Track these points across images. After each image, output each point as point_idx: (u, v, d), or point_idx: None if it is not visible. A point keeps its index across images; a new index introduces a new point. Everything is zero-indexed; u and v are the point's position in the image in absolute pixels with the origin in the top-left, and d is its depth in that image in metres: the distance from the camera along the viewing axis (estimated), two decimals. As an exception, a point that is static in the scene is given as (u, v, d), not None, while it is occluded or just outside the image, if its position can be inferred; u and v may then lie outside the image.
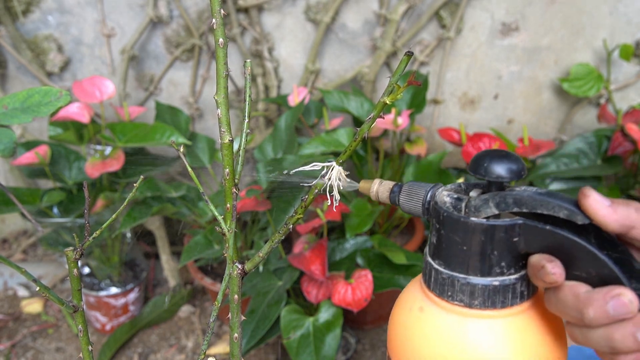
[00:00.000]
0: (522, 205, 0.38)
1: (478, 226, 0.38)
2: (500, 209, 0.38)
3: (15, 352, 1.33)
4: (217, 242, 1.16)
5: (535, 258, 0.37)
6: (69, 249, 0.46)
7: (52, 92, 0.46)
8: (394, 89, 0.37)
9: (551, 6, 1.29)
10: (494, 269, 0.39)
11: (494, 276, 0.39)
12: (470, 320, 0.39)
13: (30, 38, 1.33)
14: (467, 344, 0.39)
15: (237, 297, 0.46)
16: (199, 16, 1.32)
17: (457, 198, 0.40)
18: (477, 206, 0.39)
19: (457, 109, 1.42)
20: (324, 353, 1.00)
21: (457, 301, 0.40)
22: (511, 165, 0.38)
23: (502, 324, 0.39)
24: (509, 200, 0.38)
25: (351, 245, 1.15)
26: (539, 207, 0.38)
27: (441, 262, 0.40)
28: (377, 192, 0.45)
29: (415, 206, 0.42)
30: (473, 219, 0.38)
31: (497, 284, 0.39)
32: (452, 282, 0.40)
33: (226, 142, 0.43)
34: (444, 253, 0.40)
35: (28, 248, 1.55)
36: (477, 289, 0.39)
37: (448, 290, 0.40)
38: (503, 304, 0.39)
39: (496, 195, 0.39)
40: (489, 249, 0.38)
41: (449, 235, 0.39)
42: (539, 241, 0.38)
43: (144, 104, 1.42)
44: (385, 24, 1.31)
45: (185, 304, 1.42)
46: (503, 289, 0.39)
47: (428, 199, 0.42)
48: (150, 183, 1.20)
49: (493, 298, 0.39)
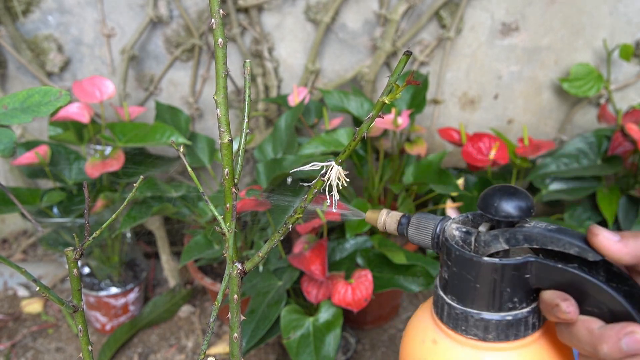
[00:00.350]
0: (532, 242, 0.38)
1: (490, 265, 0.38)
2: (511, 244, 0.39)
3: (15, 352, 1.33)
4: (217, 242, 1.16)
5: (548, 295, 0.38)
6: (69, 249, 0.46)
7: (52, 92, 0.46)
8: (393, 89, 0.37)
9: (551, 6, 1.29)
10: (507, 304, 0.39)
11: (506, 311, 0.40)
12: (484, 353, 0.40)
13: (30, 38, 1.33)
14: None
15: (237, 297, 0.46)
16: (199, 16, 1.32)
17: (466, 232, 0.41)
18: (487, 241, 0.39)
19: (457, 109, 1.42)
20: (324, 353, 1.00)
21: (470, 335, 0.40)
22: (520, 203, 0.38)
23: (516, 355, 0.40)
24: (519, 236, 0.38)
25: (351, 245, 1.15)
26: (549, 244, 0.38)
27: (454, 298, 0.41)
28: (384, 223, 0.45)
29: (424, 239, 0.43)
30: (486, 259, 0.38)
31: (510, 318, 0.40)
32: (466, 318, 0.40)
33: (226, 142, 0.43)
34: (457, 289, 0.40)
35: (28, 248, 1.55)
36: (490, 324, 0.40)
37: (461, 324, 0.41)
38: (516, 336, 0.40)
39: (506, 231, 0.39)
40: (502, 286, 0.39)
41: (462, 273, 0.40)
42: (551, 278, 0.38)
43: (144, 104, 1.42)
44: (385, 24, 1.31)
45: (185, 304, 1.42)
46: (516, 323, 0.40)
47: (437, 233, 0.42)
48: (150, 183, 1.20)
49: (506, 332, 0.40)
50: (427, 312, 0.44)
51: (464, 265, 0.39)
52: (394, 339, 1.32)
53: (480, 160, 1.19)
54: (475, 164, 1.18)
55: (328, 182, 0.41)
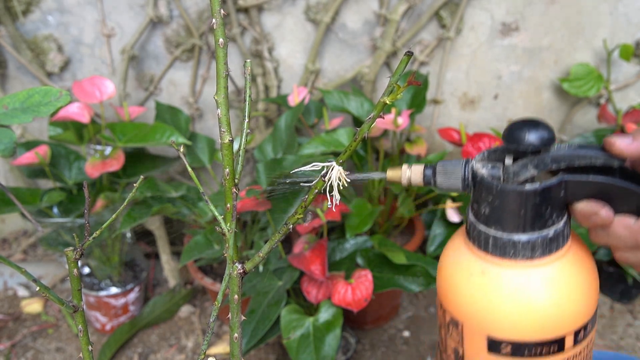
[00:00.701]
0: (560, 163, 0.43)
1: (532, 192, 0.43)
2: (540, 169, 0.44)
3: (15, 352, 1.33)
4: (217, 242, 1.16)
5: (583, 206, 0.44)
6: (69, 249, 0.46)
7: (52, 92, 0.46)
8: (394, 89, 0.37)
9: (551, 6, 1.29)
10: (548, 222, 0.44)
11: (548, 228, 0.44)
12: (533, 270, 0.45)
13: (30, 38, 1.33)
14: (535, 291, 0.44)
15: (237, 297, 0.46)
16: (199, 16, 1.32)
17: (492, 167, 0.45)
18: (515, 172, 0.44)
19: (457, 109, 1.42)
20: (324, 353, 1.00)
21: (519, 258, 0.44)
22: (544, 133, 0.43)
23: (560, 264, 0.45)
24: (547, 160, 0.43)
25: (351, 245, 1.15)
26: (576, 161, 0.43)
27: (499, 228, 0.44)
28: (409, 178, 0.47)
29: (454, 184, 0.46)
30: (528, 187, 0.43)
31: (552, 234, 0.44)
32: (513, 244, 0.44)
33: (226, 142, 0.43)
34: (502, 220, 0.44)
35: (28, 248, 1.55)
36: (537, 243, 0.44)
37: (509, 250, 0.44)
38: (557, 247, 0.45)
39: (534, 158, 0.44)
40: (543, 208, 0.43)
41: (505, 205, 0.43)
42: (583, 191, 0.44)
43: (144, 104, 1.42)
44: (385, 24, 1.31)
45: (185, 304, 1.42)
46: (556, 236, 0.44)
47: (467, 175, 0.45)
48: (150, 183, 1.20)
49: (550, 246, 0.44)
50: (462, 248, 0.47)
51: (507, 198, 0.43)
52: (394, 339, 1.32)
53: (480, 160, 1.18)
54: (475, 164, 1.18)
55: (329, 182, 0.41)
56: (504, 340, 0.45)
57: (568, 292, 0.45)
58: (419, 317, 1.37)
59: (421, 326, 1.35)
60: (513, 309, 0.44)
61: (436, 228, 1.24)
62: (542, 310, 0.44)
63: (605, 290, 1.42)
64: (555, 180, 0.43)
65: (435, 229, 1.24)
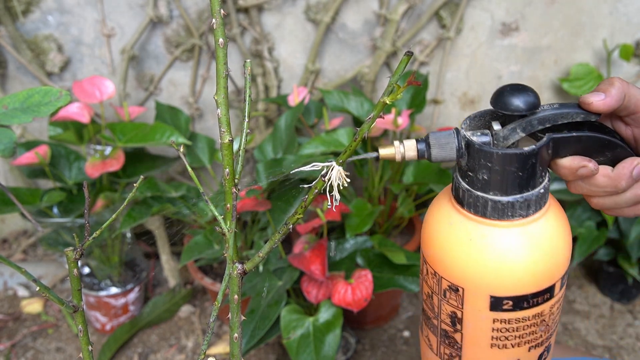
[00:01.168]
0: (545, 123, 0.47)
1: (529, 153, 0.45)
2: (527, 132, 0.47)
3: (15, 352, 1.33)
4: (217, 242, 1.16)
5: (568, 161, 0.48)
6: (69, 249, 0.46)
7: (52, 92, 0.46)
8: (394, 89, 0.37)
9: (551, 6, 1.29)
10: (539, 180, 0.47)
11: (539, 186, 0.47)
12: (530, 226, 0.47)
13: (30, 38, 1.33)
14: (533, 246, 0.47)
15: (237, 297, 0.46)
16: (199, 16, 1.32)
17: (481, 134, 0.48)
18: (505, 136, 0.47)
19: (457, 109, 1.42)
20: (324, 353, 1.00)
21: (516, 217, 0.47)
22: (529, 98, 0.46)
23: (552, 215, 0.49)
24: (534, 122, 0.46)
25: (351, 245, 1.15)
26: (559, 119, 0.47)
27: (497, 192, 0.47)
28: (403, 154, 0.48)
29: (449, 154, 0.48)
30: (526, 149, 0.45)
31: (543, 190, 0.47)
32: (512, 205, 0.47)
33: (226, 142, 0.43)
34: (501, 184, 0.46)
35: (28, 248, 1.55)
36: (532, 201, 0.47)
37: (507, 212, 0.47)
38: (544, 203, 0.48)
39: (522, 122, 0.46)
40: (537, 166, 0.46)
41: (505, 169, 0.46)
42: (568, 147, 0.47)
43: (144, 104, 1.42)
44: (385, 24, 1.31)
45: (185, 304, 1.42)
46: (545, 192, 0.48)
47: (460, 144, 0.47)
48: (150, 183, 1.20)
49: (540, 202, 0.48)
50: (455, 216, 0.49)
51: (507, 161, 0.45)
52: (394, 338, 1.32)
53: (480, 160, 1.18)
54: (475, 164, 1.18)
55: (329, 182, 0.41)
56: (506, 296, 0.48)
57: (557, 242, 0.48)
58: (419, 317, 1.37)
59: (421, 326, 1.35)
60: (515, 267, 0.47)
61: (436, 228, 1.23)
62: (540, 263, 0.47)
63: (605, 290, 1.42)
64: (546, 139, 0.46)
65: (435, 229, 1.23)
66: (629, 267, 1.31)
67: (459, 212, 0.49)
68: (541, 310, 0.49)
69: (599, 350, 1.29)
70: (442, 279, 0.49)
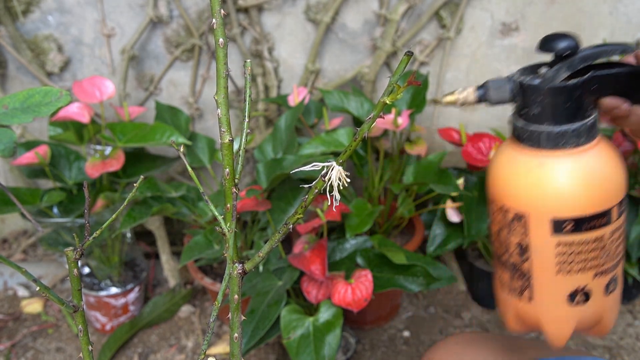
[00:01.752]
0: (587, 61, 0.53)
1: (575, 85, 0.52)
2: (571, 70, 0.53)
3: (15, 352, 1.33)
4: (217, 242, 1.16)
5: (608, 101, 0.54)
6: (69, 249, 0.46)
7: (52, 92, 0.46)
8: (394, 89, 0.37)
9: (551, 6, 1.29)
10: (587, 112, 0.54)
11: (587, 117, 0.54)
12: (582, 155, 0.54)
13: (30, 38, 1.33)
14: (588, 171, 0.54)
15: (237, 297, 0.46)
16: (199, 16, 1.32)
17: (531, 78, 0.54)
18: (552, 76, 0.53)
19: (458, 109, 1.42)
20: (324, 353, 1.00)
21: (569, 146, 0.54)
22: (570, 41, 0.53)
23: (601, 147, 0.55)
24: (576, 61, 0.53)
25: (351, 245, 1.15)
26: (601, 55, 0.53)
27: (550, 123, 0.54)
28: (465, 99, 0.58)
29: (504, 95, 0.56)
30: (573, 81, 0.52)
31: (591, 122, 0.54)
32: (563, 134, 0.53)
33: (226, 142, 0.43)
34: (553, 115, 0.53)
35: (28, 248, 1.55)
36: (582, 131, 0.53)
37: (560, 141, 0.53)
38: (595, 135, 0.54)
39: (566, 61, 0.53)
40: (583, 98, 0.53)
41: (554, 101, 0.53)
42: (607, 86, 0.54)
43: (144, 104, 1.42)
44: (385, 24, 1.31)
45: (185, 304, 1.42)
46: (594, 124, 0.54)
47: (513, 87, 0.55)
48: (150, 183, 1.20)
49: (591, 133, 0.54)
50: (514, 153, 0.56)
51: (556, 94, 0.53)
52: (394, 339, 1.32)
53: (480, 160, 1.19)
54: (475, 164, 1.19)
55: (329, 182, 0.41)
56: (566, 218, 0.53)
57: (609, 171, 0.54)
58: (419, 317, 1.37)
59: (421, 326, 1.35)
60: (571, 190, 0.53)
61: (436, 228, 1.24)
62: (593, 187, 0.53)
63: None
64: (589, 75, 0.53)
65: (435, 229, 1.24)
66: (629, 267, 1.31)
67: (519, 149, 0.56)
68: (601, 234, 0.54)
69: (599, 350, 1.29)
70: (508, 211, 0.56)
